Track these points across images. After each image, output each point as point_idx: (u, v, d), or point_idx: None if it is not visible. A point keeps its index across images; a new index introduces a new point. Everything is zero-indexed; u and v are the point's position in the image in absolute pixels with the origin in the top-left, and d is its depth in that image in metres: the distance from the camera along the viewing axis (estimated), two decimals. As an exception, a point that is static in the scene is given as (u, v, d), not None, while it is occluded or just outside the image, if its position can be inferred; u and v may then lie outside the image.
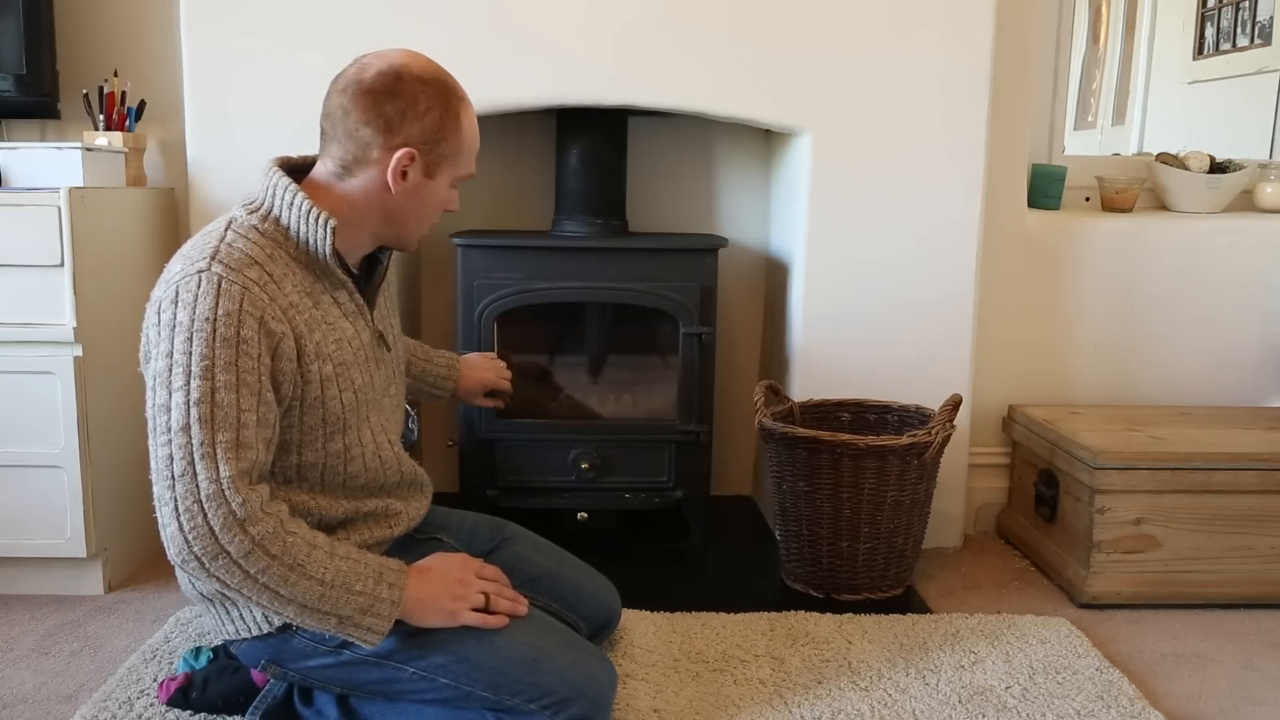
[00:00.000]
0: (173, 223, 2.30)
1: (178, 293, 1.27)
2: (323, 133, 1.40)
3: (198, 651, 1.61)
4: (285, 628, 1.38)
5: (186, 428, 1.23)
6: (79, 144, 1.98)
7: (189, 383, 1.24)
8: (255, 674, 1.54)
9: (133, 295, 2.10)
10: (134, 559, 2.12)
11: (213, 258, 1.29)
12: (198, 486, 1.22)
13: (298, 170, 1.43)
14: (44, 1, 2.23)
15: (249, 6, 2.09)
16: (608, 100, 2.15)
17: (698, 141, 2.54)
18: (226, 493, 1.22)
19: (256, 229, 1.34)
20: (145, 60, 2.37)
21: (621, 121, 2.30)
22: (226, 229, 1.34)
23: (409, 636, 1.38)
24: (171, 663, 1.67)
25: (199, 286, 1.26)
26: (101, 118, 2.21)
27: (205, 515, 1.22)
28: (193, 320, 1.25)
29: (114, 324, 2.01)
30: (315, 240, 1.35)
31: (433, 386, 1.85)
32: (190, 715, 1.53)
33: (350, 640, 1.33)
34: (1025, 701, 1.62)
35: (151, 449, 1.26)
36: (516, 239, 2.20)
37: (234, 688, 1.54)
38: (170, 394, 1.24)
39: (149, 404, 1.27)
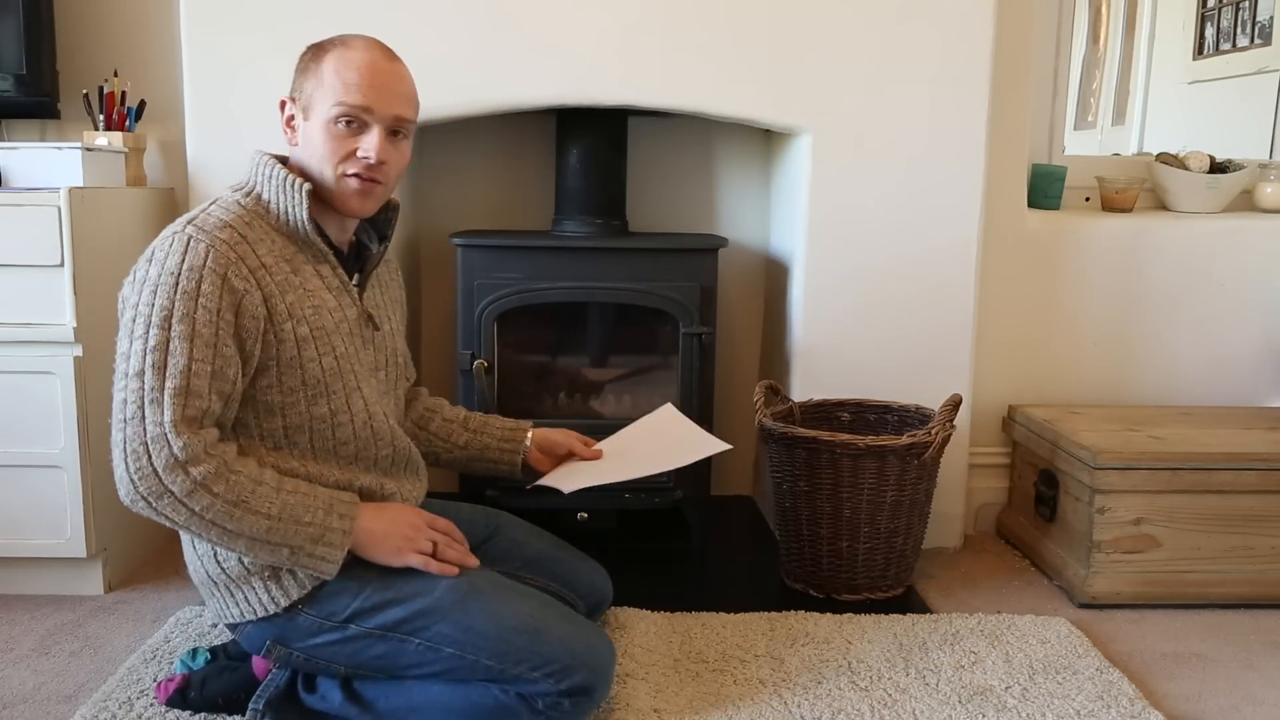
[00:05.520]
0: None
1: (153, 253, 1.36)
2: None
3: (194, 652, 1.61)
4: (291, 607, 1.41)
5: (141, 373, 1.30)
6: (79, 144, 1.99)
7: (148, 331, 1.31)
8: (258, 667, 1.54)
9: (133, 295, 2.10)
10: (134, 559, 2.12)
11: (189, 222, 1.38)
12: (144, 429, 1.29)
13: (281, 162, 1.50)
14: (44, 1, 2.23)
15: (249, 7, 2.09)
16: (611, 100, 2.15)
17: (698, 141, 2.54)
18: (169, 435, 1.28)
19: (239, 203, 1.43)
20: (145, 60, 2.37)
21: (621, 121, 2.30)
22: (211, 204, 1.43)
23: (414, 608, 1.41)
24: (171, 663, 1.67)
25: (170, 245, 1.35)
26: (101, 118, 2.21)
27: (150, 457, 1.28)
28: (159, 275, 1.33)
29: (114, 324, 2.00)
30: (291, 207, 1.42)
31: (501, 441, 1.75)
32: (190, 716, 1.53)
33: (308, 571, 1.38)
34: (1025, 701, 1.62)
35: (113, 395, 1.33)
36: (516, 239, 2.20)
37: (234, 685, 1.54)
38: (131, 342, 1.32)
39: (116, 354, 1.35)
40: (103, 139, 2.16)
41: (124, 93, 2.24)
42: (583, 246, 2.20)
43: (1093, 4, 3.13)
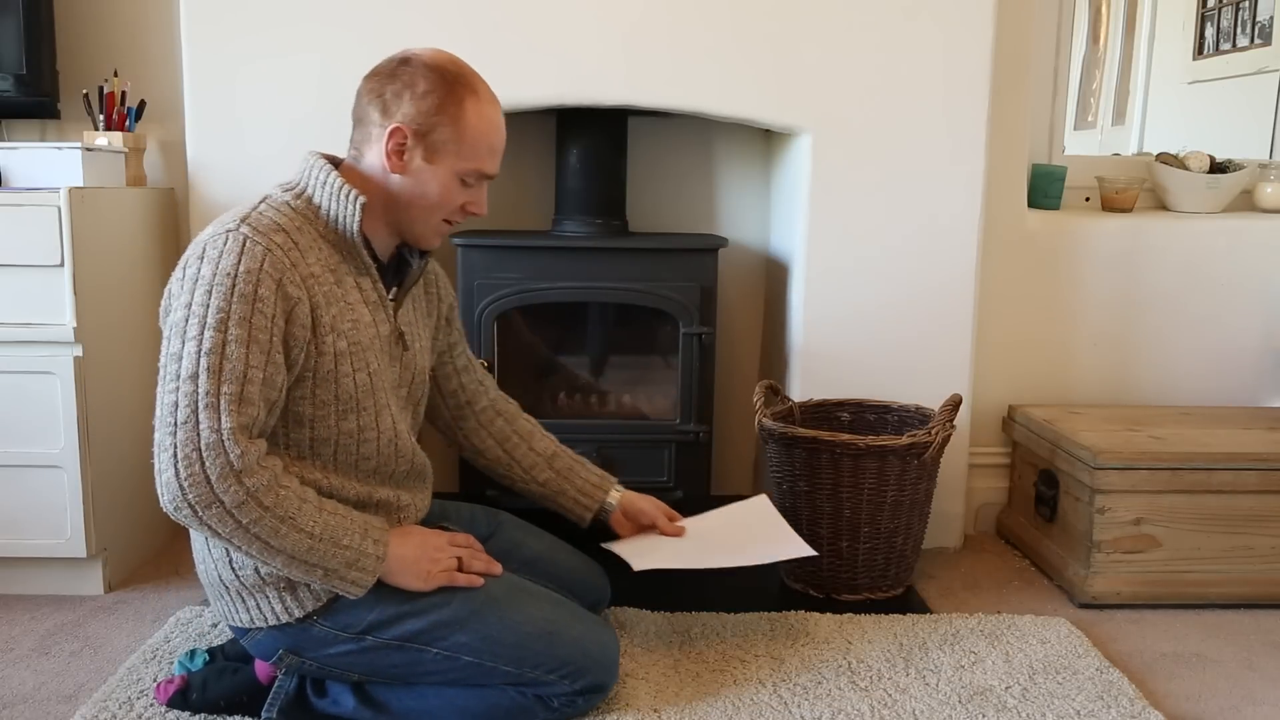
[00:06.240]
0: (173, 223, 2.30)
1: (204, 249, 1.33)
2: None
3: (192, 654, 1.60)
4: (306, 617, 1.41)
5: (195, 376, 1.27)
6: (79, 144, 1.98)
7: (202, 333, 1.28)
8: (260, 670, 1.54)
9: (133, 295, 2.10)
10: (134, 559, 2.12)
11: (242, 220, 1.35)
12: (198, 435, 1.25)
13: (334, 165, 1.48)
14: (44, 1, 2.23)
15: (249, 7, 2.09)
16: (612, 100, 2.15)
17: (698, 141, 2.54)
18: (226, 443, 1.25)
19: (289, 204, 1.40)
20: (145, 60, 2.37)
21: (621, 121, 2.30)
22: (260, 201, 1.40)
23: (432, 620, 1.42)
24: (171, 663, 1.67)
25: (225, 244, 1.32)
26: (101, 118, 2.21)
27: (203, 464, 1.25)
28: (214, 275, 1.30)
29: (114, 324, 2.01)
30: (344, 216, 1.40)
31: (580, 493, 1.76)
32: (191, 717, 1.53)
33: (334, 591, 1.38)
34: (1025, 701, 1.62)
35: (158, 396, 1.29)
36: (516, 239, 2.20)
37: (236, 687, 1.54)
38: (183, 343, 1.28)
39: (163, 353, 1.31)
40: (103, 139, 2.16)
41: (124, 93, 2.24)
42: (583, 246, 2.20)
43: (1093, 4, 3.13)
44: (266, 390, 1.31)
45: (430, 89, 1.40)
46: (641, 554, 1.70)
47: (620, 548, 1.74)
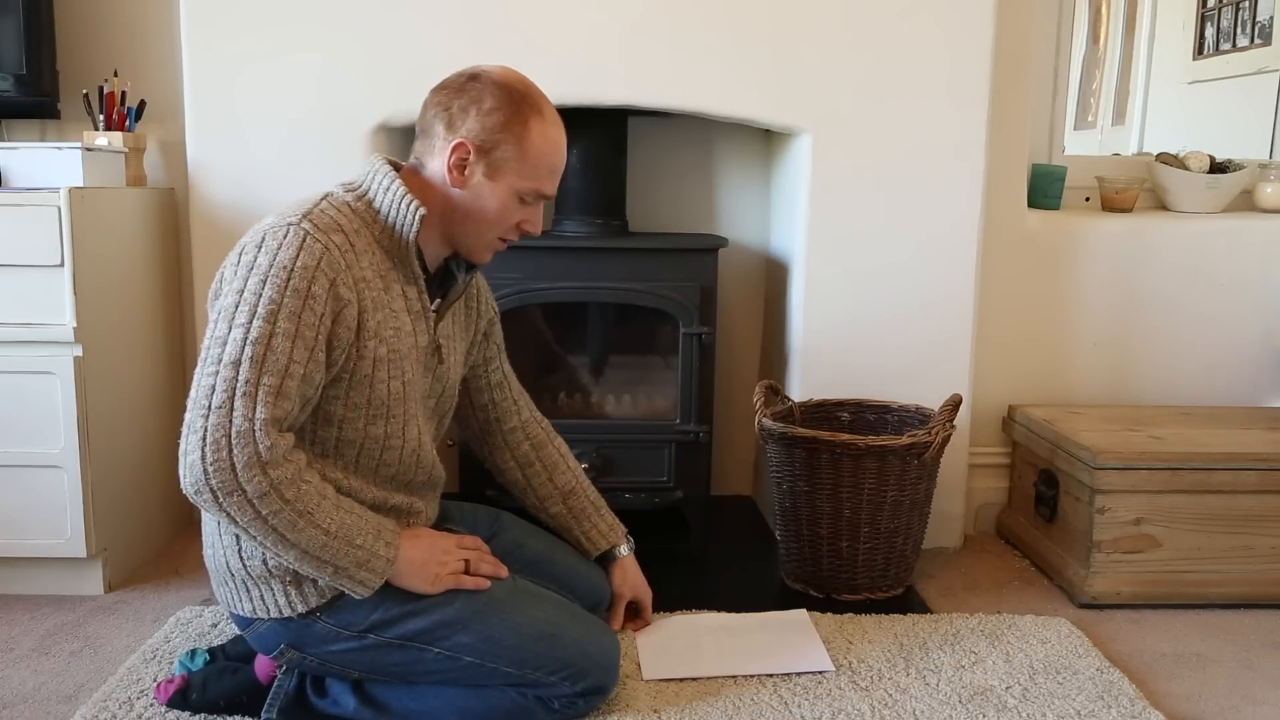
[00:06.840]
0: (173, 223, 2.30)
1: (264, 239, 1.33)
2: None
3: (193, 653, 1.61)
4: (309, 613, 1.41)
5: (237, 363, 1.27)
6: (79, 144, 1.98)
7: (251, 321, 1.28)
8: (260, 670, 1.54)
9: (133, 295, 2.10)
10: (134, 559, 2.12)
11: (304, 215, 1.36)
12: (230, 421, 1.25)
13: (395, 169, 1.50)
14: (44, 1, 2.23)
15: (249, 7, 2.09)
16: (612, 100, 2.15)
17: (698, 141, 2.54)
18: (257, 434, 1.25)
19: (349, 205, 1.41)
20: (145, 60, 2.37)
21: (621, 121, 2.30)
22: (322, 198, 1.41)
23: (434, 619, 1.42)
24: (171, 663, 1.67)
25: (285, 236, 1.32)
26: (101, 118, 2.21)
27: (230, 451, 1.25)
28: (271, 265, 1.31)
29: (114, 324, 2.01)
30: (402, 225, 1.41)
31: (582, 536, 1.79)
32: (191, 717, 1.53)
33: (341, 589, 1.38)
34: (1025, 701, 1.62)
35: (195, 378, 1.30)
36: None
37: (236, 687, 1.54)
38: (230, 329, 1.29)
39: (207, 336, 1.32)
40: (103, 139, 2.16)
41: (124, 93, 2.24)
42: (583, 246, 2.20)
43: (1093, 4, 3.13)
44: (304, 387, 1.31)
45: (496, 106, 1.42)
46: (659, 654, 1.73)
47: (643, 640, 1.77)
